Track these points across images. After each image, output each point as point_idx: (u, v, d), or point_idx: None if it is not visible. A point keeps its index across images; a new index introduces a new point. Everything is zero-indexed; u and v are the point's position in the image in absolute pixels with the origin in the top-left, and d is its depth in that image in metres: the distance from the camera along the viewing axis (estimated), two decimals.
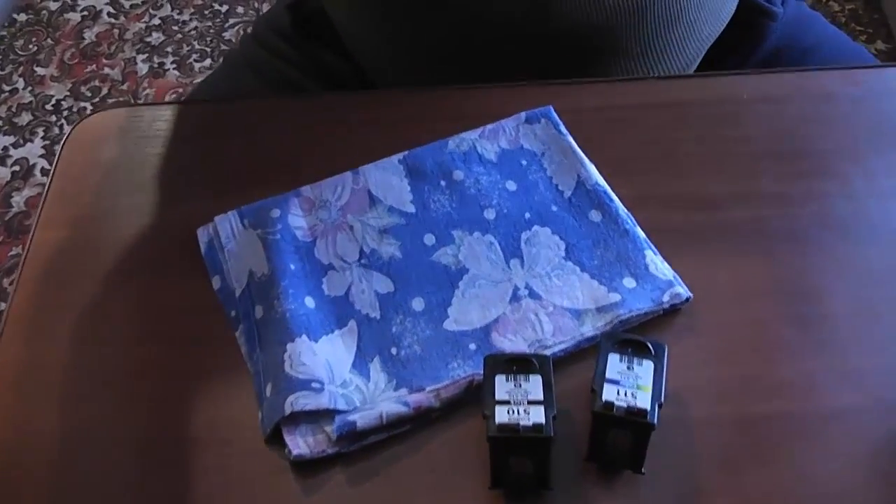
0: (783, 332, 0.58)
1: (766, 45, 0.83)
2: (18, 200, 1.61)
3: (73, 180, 0.69)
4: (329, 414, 0.53)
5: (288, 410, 0.52)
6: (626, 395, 0.50)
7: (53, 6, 1.93)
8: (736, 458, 0.53)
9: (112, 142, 0.71)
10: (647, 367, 0.52)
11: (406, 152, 0.66)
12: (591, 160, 0.65)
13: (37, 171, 1.66)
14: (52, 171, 0.69)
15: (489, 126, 0.67)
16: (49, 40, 1.87)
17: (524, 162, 0.66)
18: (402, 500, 0.52)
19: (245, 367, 0.57)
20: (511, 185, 0.64)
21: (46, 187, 0.69)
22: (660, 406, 0.50)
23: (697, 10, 0.73)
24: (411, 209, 0.64)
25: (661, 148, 0.67)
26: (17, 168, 1.67)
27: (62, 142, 0.72)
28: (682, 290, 0.58)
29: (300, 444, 0.53)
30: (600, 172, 0.65)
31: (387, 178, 0.65)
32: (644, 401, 0.50)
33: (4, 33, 1.88)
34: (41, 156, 1.68)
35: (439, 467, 0.53)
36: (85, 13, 1.92)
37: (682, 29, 0.74)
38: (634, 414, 0.49)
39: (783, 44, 0.83)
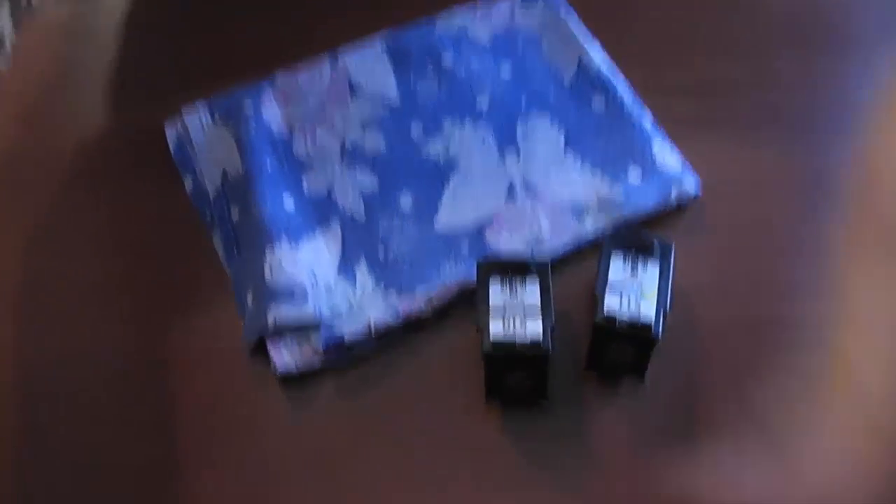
0: (798, 231, 0.54)
1: None
2: None
3: (27, 77, 0.64)
4: (315, 324, 0.50)
5: (271, 325, 0.50)
6: (629, 305, 0.47)
7: None
8: (742, 365, 0.50)
9: (68, 34, 0.66)
10: (653, 271, 0.49)
11: (389, 34, 0.61)
12: None
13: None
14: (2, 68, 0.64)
15: (481, 5, 0.62)
16: None
17: (520, 45, 0.60)
18: (394, 413, 0.50)
19: (223, 273, 0.54)
20: (505, 71, 0.59)
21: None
22: (664, 316, 0.47)
23: None
24: (396, 98, 0.58)
25: (670, 28, 0.62)
26: None
27: (13, 36, 0.66)
28: (691, 186, 0.54)
29: (286, 357, 0.50)
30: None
31: (368, 64, 0.60)
32: (648, 310, 0.47)
33: None
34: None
35: (433, 378, 0.51)
36: None
37: None
38: (638, 328, 0.46)
39: None
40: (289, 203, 0.55)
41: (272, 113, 0.58)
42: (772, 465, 0.47)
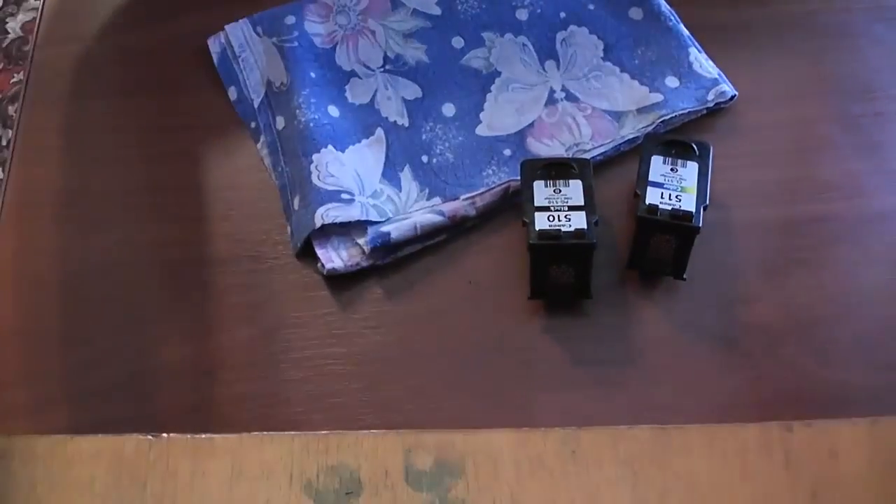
0: (831, 133, 0.55)
1: None
2: (14, 26, 1.54)
3: None
4: (361, 226, 0.52)
5: (318, 223, 0.51)
6: (670, 197, 0.48)
7: None
8: (778, 262, 0.51)
9: None
10: (692, 168, 0.50)
11: None
12: None
13: None
14: None
15: None
16: None
17: None
18: (439, 312, 0.51)
19: (269, 180, 0.55)
20: None
21: (42, 4, 0.64)
22: (704, 208, 0.48)
23: None
24: (437, 11, 0.59)
25: None
26: None
27: None
28: (728, 88, 0.55)
29: (333, 257, 0.51)
30: None
31: None
32: (689, 203, 0.48)
33: None
34: None
35: (476, 278, 0.52)
36: None
37: None
38: (679, 217, 0.47)
39: None
40: (333, 111, 0.56)
41: (314, 26, 0.59)
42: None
